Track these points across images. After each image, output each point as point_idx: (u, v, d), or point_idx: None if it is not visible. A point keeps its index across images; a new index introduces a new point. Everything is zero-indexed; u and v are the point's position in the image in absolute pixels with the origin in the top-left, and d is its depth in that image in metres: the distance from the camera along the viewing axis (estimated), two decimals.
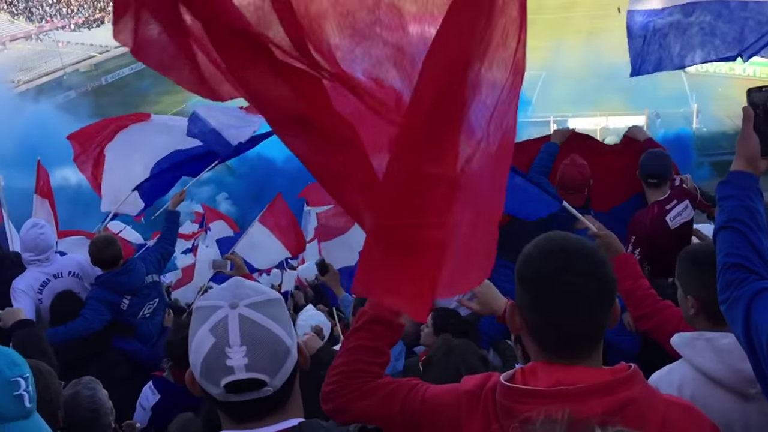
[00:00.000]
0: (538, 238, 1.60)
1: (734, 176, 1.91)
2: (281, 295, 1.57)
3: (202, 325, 1.39)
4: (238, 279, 1.50)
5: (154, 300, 4.90)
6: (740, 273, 1.75)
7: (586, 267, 1.48)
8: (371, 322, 1.88)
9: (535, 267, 1.53)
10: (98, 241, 4.65)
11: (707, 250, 2.07)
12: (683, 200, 4.23)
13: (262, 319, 1.39)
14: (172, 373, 3.47)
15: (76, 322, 4.36)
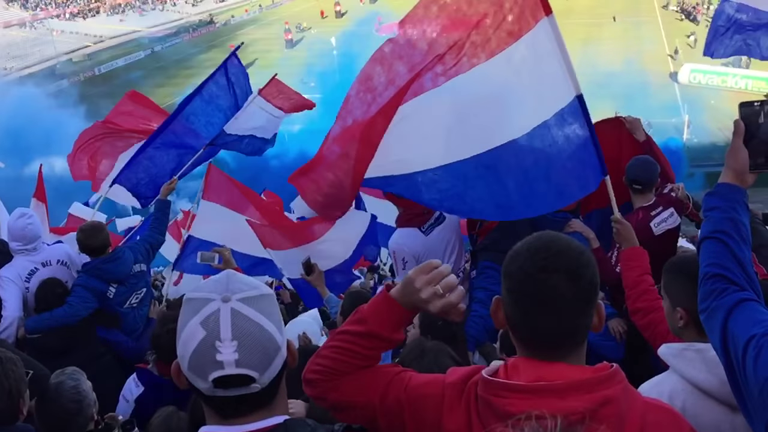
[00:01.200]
0: (529, 237, 1.61)
1: (721, 188, 1.93)
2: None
3: (193, 317, 1.37)
4: (231, 272, 1.48)
5: (141, 290, 4.89)
6: (721, 283, 1.77)
7: (565, 266, 1.49)
8: (370, 336, 1.72)
9: (517, 263, 1.54)
10: (86, 229, 4.63)
11: (695, 263, 2.09)
12: (669, 207, 4.27)
13: (254, 315, 1.38)
14: (157, 366, 3.46)
15: (62, 309, 4.33)
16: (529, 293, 1.51)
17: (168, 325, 3.42)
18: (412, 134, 3.73)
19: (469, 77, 3.60)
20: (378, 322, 1.72)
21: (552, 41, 3.52)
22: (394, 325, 1.73)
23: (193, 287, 1.53)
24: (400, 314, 1.72)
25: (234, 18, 70.62)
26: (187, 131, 6.19)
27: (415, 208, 4.41)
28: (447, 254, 4.49)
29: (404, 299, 1.69)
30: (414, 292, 1.66)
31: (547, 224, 4.19)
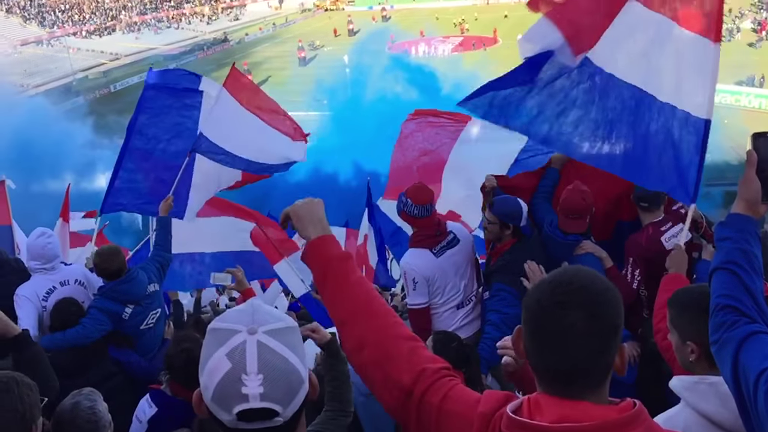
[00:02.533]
0: (557, 269, 1.57)
1: (733, 218, 1.93)
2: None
3: (219, 349, 1.36)
4: (256, 302, 1.48)
5: (156, 310, 4.90)
6: (732, 315, 1.77)
7: (584, 303, 1.44)
8: (338, 261, 1.89)
9: (535, 296, 1.51)
10: (103, 253, 4.66)
11: (707, 297, 2.08)
12: (678, 223, 4.26)
13: (280, 348, 1.37)
14: (170, 386, 3.46)
15: (75, 330, 4.34)
16: (543, 328, 1.47)
17: (181, 345, 3.44)
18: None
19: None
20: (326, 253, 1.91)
21: (710, 62, 3.68)
22: (335, 246, 1.93)
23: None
24: (326, 240, 1.94)
25: (248, 36, 71.30)
26: (152, 147, 6.18)
27: (429, 229, 4.42)
28: (458, 278, 4.48)
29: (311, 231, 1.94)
30: (303, 217, 1.95)
31: (557, 246, 4.21)
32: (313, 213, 1.97)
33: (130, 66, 58.26)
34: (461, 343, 3.81)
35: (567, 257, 4.16)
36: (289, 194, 9.83)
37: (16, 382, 2.26)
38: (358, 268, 1.86)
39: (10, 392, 2.22)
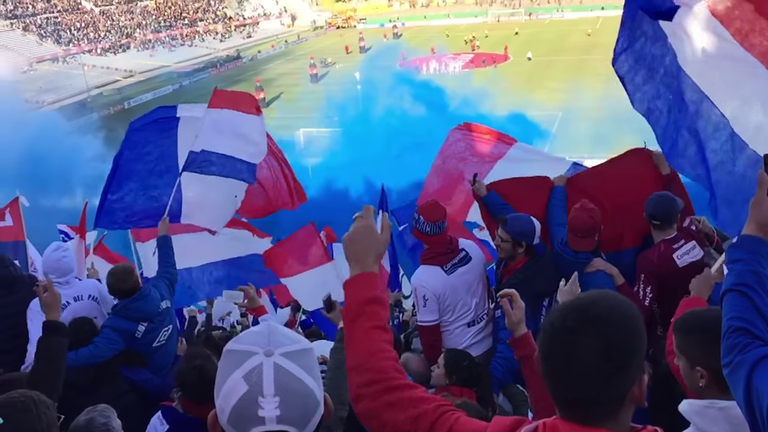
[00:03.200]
0: (583, 294, 1.57)
1: (745, 240, 1.92)
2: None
3: (235, 371, 1.37)
4: (272, 324, 1.49)
5: (168, 326, 4.91)
6: (744, 337, 1.75)
7: (598, 332, 1.41)
8: (365, 305, 1.82)
9: (551, 319, 1.50)
10: (117, 273, 4.68)
11: (715, 321, 2.05)
12: (690, 241, 4.25)
13: (297, 370, 1.38)
14: (182, 403, 3.46)
15: (87, 349, 4.35)
16: (554, 353, 1.46)
17: (193, 362, 3.44)
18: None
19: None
20: (351, 295, 1.86)
21: None
22: (363, 286, 1.86)
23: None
24: (361, 277, 1.88)
25: (260, 53, 71.90)
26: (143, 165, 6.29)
27: (440, 246, 4.42)
28: (469, 296, 4.47)
29: (356, 266, 1.88)
30: (352, 246, 1.89)
31: (568, 264, 4.19)
32: (364, 246, 1.90)
33: (144, 83, 58.84)
34: (473, 361, 3.80)
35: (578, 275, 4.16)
36: (300, 209, 9.87)
37: (33, 401, 2.27)
38: (381, 314, 1.84)
39: (29, 412, 2.23)
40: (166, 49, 74.63)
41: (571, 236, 4.27)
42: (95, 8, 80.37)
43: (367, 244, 1.90)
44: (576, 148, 29.58)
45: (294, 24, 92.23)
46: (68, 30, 73.84)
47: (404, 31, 76.92)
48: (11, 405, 2.22)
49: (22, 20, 71.71)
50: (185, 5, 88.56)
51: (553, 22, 75.15)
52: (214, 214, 6.40)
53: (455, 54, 58.69)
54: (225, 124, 6.24)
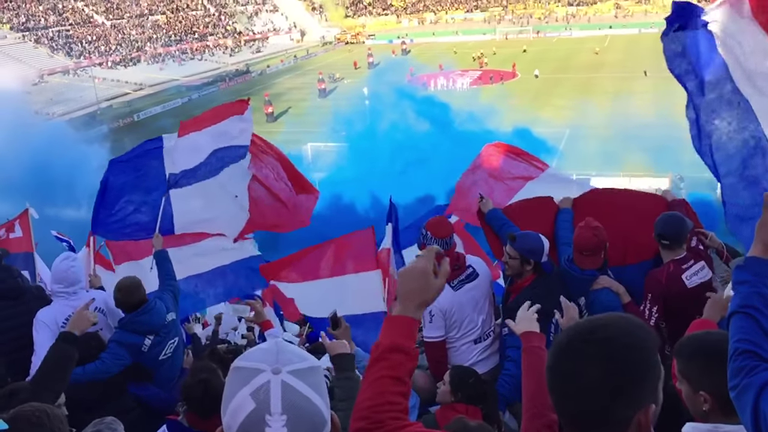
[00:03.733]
0: (594, 316, 1.57)
1: (751, 262, 1.91)
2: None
3: (243, 388, 1.37)
4: (280, 342, 1.49)
5: (174, 339, 4.91)
6: (751, 360, 1.74)
7: (600, 356, 1.43)
8: (389, 351, 1.79)
9: (560, 337, 1.53)
10: (123, 287, 4.68)
11: (717, 344, 2.01)
12: (699, 261, 4.23)
13: (304, 389, 1.37)
14: (187, 417, 3.45)
15: (94, 365, 4.34)
16: (560, 368, 1.49)
17: (199, 376, 3.44)
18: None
19: None
20: (388, 338, 1.82)
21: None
22: (401, 333, 1.82)
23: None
24: (402, 321, 1.83)
25: (269, 68, 72.35)
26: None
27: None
28: (476, 313, 4.46)
29: (400, 306, 1.84)
30: (403, 284, 1.85)
31: (574, 281, 4.19)
32: (414, 290, 1.85)
33: (153, 96, 59.26)
34: (479, 378, 3.78)
35: (585, 292, 4.15)
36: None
37: (47, 415, 2.27)
38: (404, 364, 1.81)
39: (43, 426, 2.24)
40: (176, 63, 75.22)
41: (577, 254, 4.27)
42: (107, 22, 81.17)
43: (417, 288, 1.85)
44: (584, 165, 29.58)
45: (303, 39, 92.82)
46: (79, 43, 74.58)
47: (413, 47, 77.25)
48: (25, 418, 2.22)
49: (34, 33, 72.48)
50: (196, 20, 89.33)
51: (561, 40, 75.38)
52: (220, 221, 6.49)
53: (463, 71, 58.91)
54: (201, 139, 6.36)
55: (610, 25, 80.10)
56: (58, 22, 76.74)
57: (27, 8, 76.02)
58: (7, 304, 4.60)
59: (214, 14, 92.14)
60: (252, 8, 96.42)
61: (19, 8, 75.26)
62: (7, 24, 71.56)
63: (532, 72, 55.11)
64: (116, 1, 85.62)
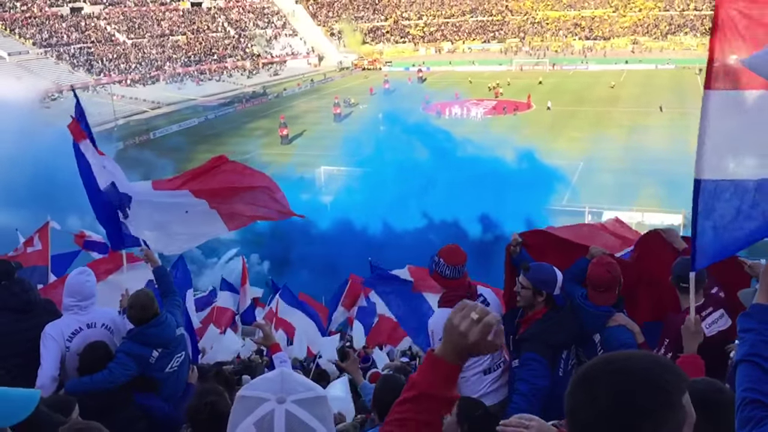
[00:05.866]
0: (629, 351, 1.55)
1: (757, 309, 1.89)
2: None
3: (247, 417, 1.36)
4: (285, 371, 1.48)
5: (180, 353, 4.90)
6: (759, 411, 1.71)
7: (615, 381, 1.40)
8: (424, 398, 1.69)
9: (579, 368, 1.52)
10: (137, 305, 4.68)
11: (700, 393, 1.99)
12: (719, 309, 4.16)
13: (309, 419, 1.37)
14: None
15: (101, 375, 4.36)
16: (571, 398, 1.47)
17: (205, 398, 3.41)
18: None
19: None
20: (427, 382, 1.71)
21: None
22: (443, 381, 1.71)
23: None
24: (447, 369, 1.71)
25: (286, 90, 73.06)
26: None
27: (459, 290, 4.38)
28: None
29: (446, 349, 1.71)
30: (452, 330, 1.70)
31: (589, 317, 4.14)
32: (463, 338, 1.72)
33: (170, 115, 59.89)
34: (486, 411, 3.71)
35: (599, 328, 4.09)
36: (314, 242, 10.14)
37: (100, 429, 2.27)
38: (438, 413, 1.75)
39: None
40: (194, 83, 76.13)
41: (591, 291, 4.23)
42: (128, 40, 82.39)
43: (466, 339, 1.72)
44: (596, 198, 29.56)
45: (321, 64, 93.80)
46: (100, 60, 75.69)
47: (429, 75, 77.82)
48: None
49: (56, 49, 73.65)
50: (215, 41, 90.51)
51: (577, 73, 75.68)
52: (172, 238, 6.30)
53: (478, 100, 59.21)
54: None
55: (626, 59, 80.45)
56: (80, 39, 77.97)
57: (50, 24, 77.35)
58: (18, 317, 4.61)
59: (233, 36, 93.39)
60: (271, 32, 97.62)
61: (42, 24, 76.58)
62: (30, 39, 72.78)
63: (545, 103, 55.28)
64: (138, 21, 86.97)
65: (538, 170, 29.82)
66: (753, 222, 3.39)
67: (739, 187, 3.37)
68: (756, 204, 3.37)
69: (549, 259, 4.63)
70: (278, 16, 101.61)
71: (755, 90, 3.28)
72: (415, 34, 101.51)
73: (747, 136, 3.39)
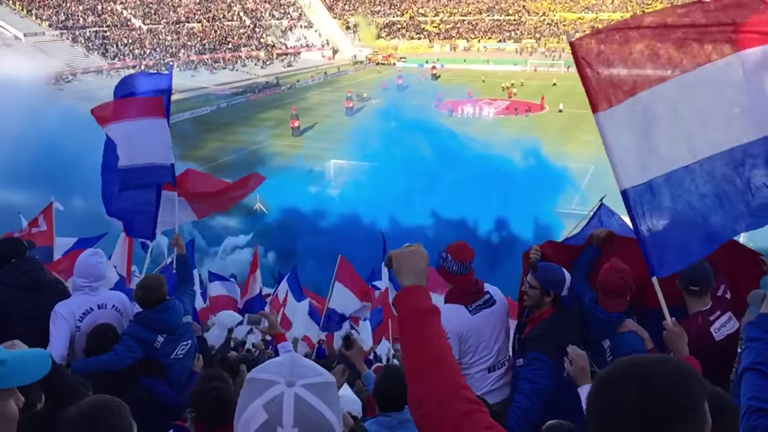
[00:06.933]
0: (650, 355, 1.55)
1: (763, 319, 1.90)
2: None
3: (256, 399, 1.38)
4: (296, 355, 1.50)
5: (187, 341, 4.94)
6: (764, 419, 1.71)
7: (639, 384, 1.39)
8: (423, 313, 1.86)
9: (600, 372, 1.49)
10: (145, 286, 4.72)
11: (717, 401, 1.98)
12: (726, 312, 4.15)
13: (317, 403, 1.38)
14: (195, 425, 3.44)
15: (107, 356, 4.40)
16: (597, 396, 1.46)
17: (209, 384, 3.44)
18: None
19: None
20: (413, 301, 1.90)
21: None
22: (425, 298, 1.90)
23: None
24: (422, 290, 1.93)
25: (299, 82, 73.04)
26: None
27: (466, 286, 4.39)
28: (492, 340, 4.42)
29: (412, 278, 1.94)
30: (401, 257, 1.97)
31: (599, 322, 4.11)
32: (413, 262, 1.98)
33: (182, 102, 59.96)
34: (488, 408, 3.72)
35: (609, 334, 4.07)
36: (320, 233, 10.52)
37: (124, 407, 2.34)
38: (438, 324, 1.88)
39: (122, 417, 2.30)
40: (207, 71, 76.18)
41: (602, 297, 4.18)
42: (143, 26, 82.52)
43: (414, 260, 1.98)
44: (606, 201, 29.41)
45: (335, 57, 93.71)
46: (115, 45, 75.84)
47: (442, 72, 77.54)
48: (105, 407, 2.28)
49: (72, 32, 73.85)
50: (231, 30, 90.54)
51: None
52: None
53: (491, 99, 59.00)
54: (133, 134, 6.31)
55: None
56: (96, 23, 78.12)
57: (67, 7, 77.53)
58: (28, 296, 4.65)
59: (249, 26, 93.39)
60: (287, 23, 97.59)
61: (59, 6, 76.77)
62: (47, 21, 73.00)
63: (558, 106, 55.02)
64: (155, 7, 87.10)
65: (548, 172, 29.67)
66: (687, 214, 3.64)
67: (654, 186, 3.62)
68: (676, 197, 3.62)
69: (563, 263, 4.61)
70: (294, 7, 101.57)
71: (630, 97, 3.62)
72: (430, 30, 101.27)
73: (641, 140, 3.65)
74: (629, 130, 3.66)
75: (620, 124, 3.65)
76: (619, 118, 3.65)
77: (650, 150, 3.63)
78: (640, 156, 3.65)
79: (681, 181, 3.61)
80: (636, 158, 3.65)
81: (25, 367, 1.81)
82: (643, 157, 3.65)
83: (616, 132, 3.66)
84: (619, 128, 3.66)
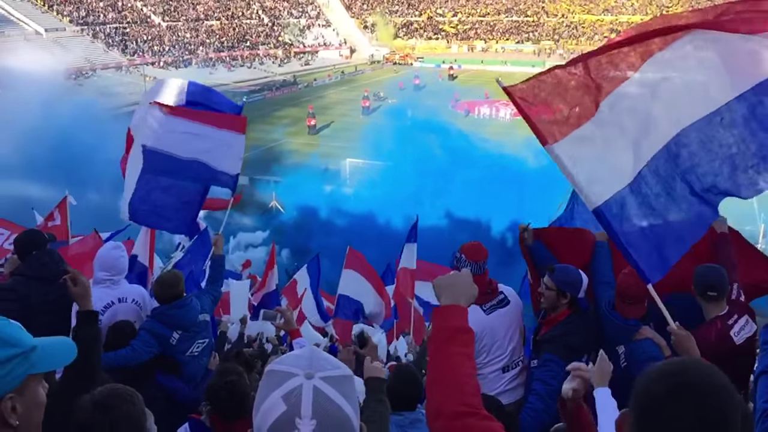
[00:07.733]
0: (669, 360, 1.58)
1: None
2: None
3: (275, 391, 1.39)
4: (315, 349, 1.52)
5: (204, 339, 4.97)
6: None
7: (694, 398, 1.42)
8: (457, 331, 1.96)
9: (646, 384, 1.50)
10: (162, 282, 4.77)
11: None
12: (743, 315, 4.11)
13: (335, 395, 1.39)
14: (210, 418, 3.47)
15: (124, 351, 4.44)
16: (650, 417, 1.45)
17: (225, 377, 3.46)
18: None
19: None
20: (449, 318, 2.01)
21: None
22: (458, 317, 2.02)
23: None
24: (460, 310, 2.06)
25: (316, 81, 73.15)
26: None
27: (480, 286, 4.37)
28: (506, 340, 4.42)
29: (451, 298, 2.06)
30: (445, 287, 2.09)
31: (616, 329, 4.08)
32: (454, 284, 2.13)
33: None
34: (501, 408, 3.72)
35: (625, 341, 4.04)
36: (336, 232, 10.56)
37: (137, 395, 2.38)
38: (470, 345, 2.01)
39: (135, 405, 2.34)
40: (225, 69, 76.51)
41: (619, 302, 4.13)
42: (163, 23, 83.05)
43: (455, 282, 2.14)
44: None
45: (352, 56, 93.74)
46: (134, 41, 76.37)
47: (460, 73, 77.33)
48: (118, 395, 2.32)
49: (92, 27, 74.46)
50: (249, 28, 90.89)
51: None
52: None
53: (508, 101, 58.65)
54: (191, 129, 6.15)
55: None
56: (116, 20, 78.72)
57: (88, 3, 78.18)
58: (48, 288, 4.70)
59: (267, 24, 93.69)
60: (305, 21, 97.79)
61: (80, 2, 77.43)
62: (67, 17, 73.65)
63: None
64: (174, 4, 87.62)
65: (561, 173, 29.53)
66: (655, 217, 3.77)
67: (620, 199, 3.72)
68: (641, 203, 3.75)
69: (565, 250, 4.63)
70: (312, 6, 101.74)
71: (575, 130, 3.78)
72: (448, 30, 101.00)
73: (597, 161, 3.82)
74: (584, 153, 3.79)
75: (572, 150, 3.77)
76: (569, 146, 3.78)
77: (610, 167, 3.78)
78: (600, 173, 3.79)
79: (639, 188, 3.75)
80: (597, 177, 3.78)
81: (53, 352, 1.86)
82: (604, 173, 3.78)
83: (570, 160, 3.79)
84: (573, 155, 3.78)
